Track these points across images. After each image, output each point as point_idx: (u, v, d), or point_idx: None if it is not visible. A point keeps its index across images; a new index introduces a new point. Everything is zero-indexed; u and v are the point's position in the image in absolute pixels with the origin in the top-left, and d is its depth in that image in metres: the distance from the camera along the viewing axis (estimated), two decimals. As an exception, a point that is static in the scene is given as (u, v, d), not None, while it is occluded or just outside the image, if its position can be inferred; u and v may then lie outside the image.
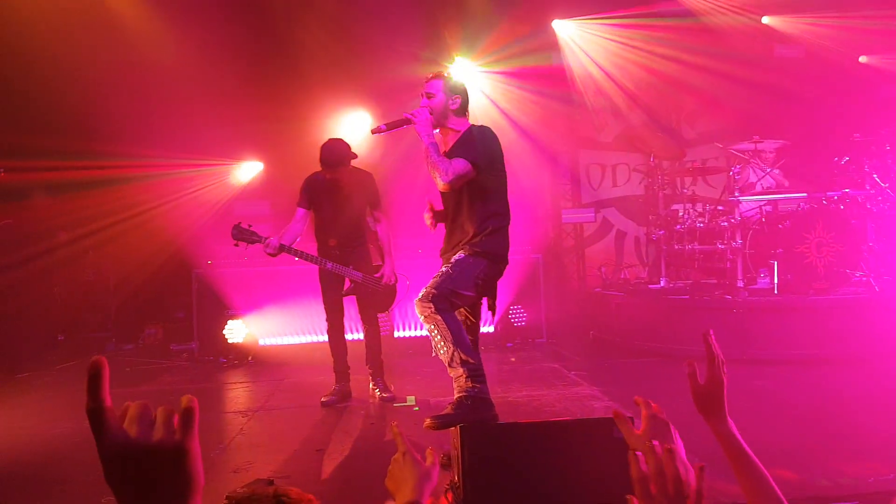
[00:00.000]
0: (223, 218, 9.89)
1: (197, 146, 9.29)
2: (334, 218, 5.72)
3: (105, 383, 0.89)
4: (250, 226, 5.47)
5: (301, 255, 5.55)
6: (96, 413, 0.88)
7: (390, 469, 1.61)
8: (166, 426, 0.90)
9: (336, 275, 5.75)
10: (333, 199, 5.70)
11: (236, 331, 8.03)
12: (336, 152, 5.55)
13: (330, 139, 5.67)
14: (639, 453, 1.23)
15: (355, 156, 5.67)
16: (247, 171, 10.14)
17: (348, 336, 6.04)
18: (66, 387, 6.97)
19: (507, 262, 4.23)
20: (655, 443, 1.25)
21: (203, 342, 8.21)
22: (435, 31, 9.04)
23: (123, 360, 8.47)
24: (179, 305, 9.69)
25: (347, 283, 5.80)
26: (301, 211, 5.73)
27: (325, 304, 5.87)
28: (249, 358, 7.95)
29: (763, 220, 7.43)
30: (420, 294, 3.91)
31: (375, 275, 5.78)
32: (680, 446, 1.44)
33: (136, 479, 0.87)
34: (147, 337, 9.51)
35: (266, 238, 5.39)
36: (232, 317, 8.03)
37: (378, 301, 5.89)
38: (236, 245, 5.47)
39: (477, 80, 9.63)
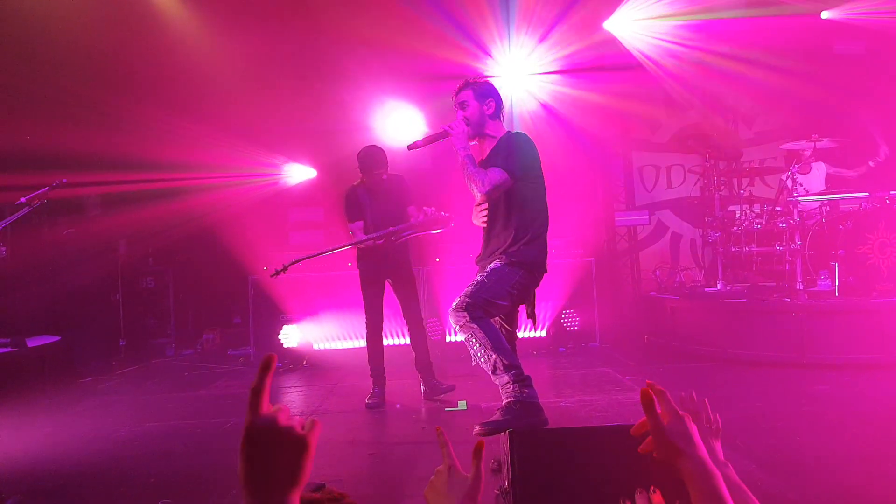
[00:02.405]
0: (279, 225, 10.07)
1: (251, 154, 9.46)
2: (377, 221, 5.88)
3: (271, 373, 1.08)
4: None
5: (327, 251, 5.74)
6: (257, 392, 1.07)
7: (433, 480, 1.56)
8: (299, 425, 1.09)
9: (376, 279, 5.94)
10: (375, 204, 5.92)
11: (291, 335, 8.15)
12: (375, 157, 5.83)
13: (367, 146, 5.94)
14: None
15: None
16: (300, 177, 10.26)
17: (393, 341, 6.11)
18: (127, 391, 7.16)
19: (545, 271, 4.19)
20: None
21: (259, 347, 8.37)
22: (485, 31, 9.02)
23: (183, 365, 8.68)
24: (236, 311, 9.90)
25: (387, 288, 6.04)
26: (360, 223, 5.91)
27: (365, 305, 6.02)
28: (304, 362, 8.06)
29: (823, 220, 7.22)
30: (454, 303, 3.90)
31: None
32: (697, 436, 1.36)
33: (266, 455, 1.05)
34: (205, 342, 9.73)
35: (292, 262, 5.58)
36: (287, 322, 8.15)
37: (410, 282, 6.10)
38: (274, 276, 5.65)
39: (527, 82, 9.58)
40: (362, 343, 6.21)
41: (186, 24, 8.21)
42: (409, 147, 4.28)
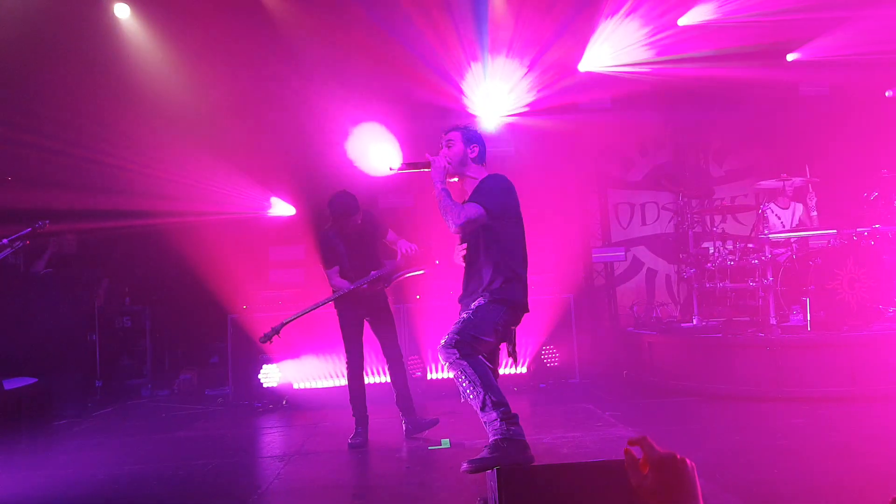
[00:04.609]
0: (259, 263, 10.05)
1: (232, 195, 9.50)
2: (355, 264, 5.97)
3: None
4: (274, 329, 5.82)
5: (315, 306, 5.84)
6: None
7: None
8: None
9: (354, 318, 6.01)
10: (351, 247, 6.00)
11: (271, 375, 8.11)
12: (349, 204, 5.87)
13: (338, 193, 5.97)
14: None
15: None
16: (280, 213, 10.26)
17: (374, 379, 6.27)
18: (105, 433, 7.09)
19: (526, 310, 4.29)
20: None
21: (237, 387, 8.30)
22: (461, 69, 9.18)
23: (160, 406, 8.60)
24: (214, 350, 9.84)
25: (366, 326, 6.09)
26: (336, 269, 5.98)
27: (345, 345, 6.06)
28: (284, 402, 8.02)
29: (794, 257, 7.40)
30: (443, 341, 3.98)
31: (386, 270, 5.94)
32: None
33: None
34: (182, 383, 9.64)
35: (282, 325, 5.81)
36: (267, 361, 8.12)
37: (388, 320, 6.17)
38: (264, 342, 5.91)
39: (504, 121, 9.75)
40: (344, 381, 6.23)
41: (165, 58, 8.28)
42: (391, 169, 4.43)
